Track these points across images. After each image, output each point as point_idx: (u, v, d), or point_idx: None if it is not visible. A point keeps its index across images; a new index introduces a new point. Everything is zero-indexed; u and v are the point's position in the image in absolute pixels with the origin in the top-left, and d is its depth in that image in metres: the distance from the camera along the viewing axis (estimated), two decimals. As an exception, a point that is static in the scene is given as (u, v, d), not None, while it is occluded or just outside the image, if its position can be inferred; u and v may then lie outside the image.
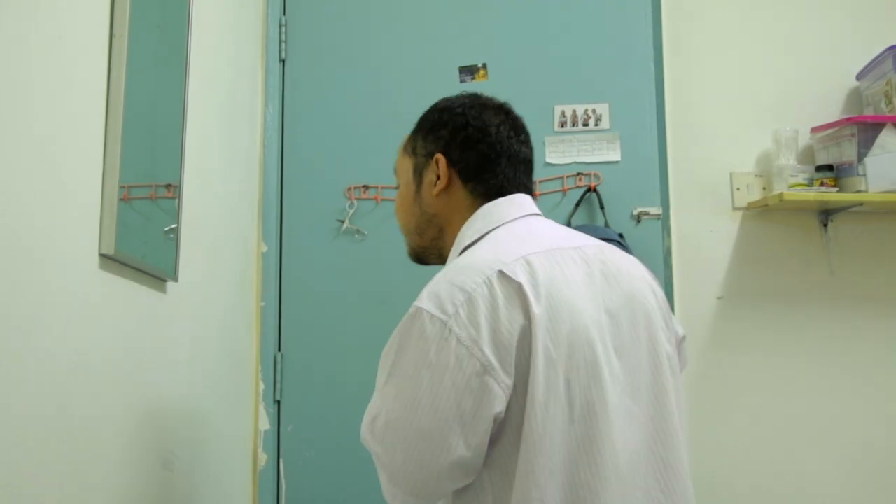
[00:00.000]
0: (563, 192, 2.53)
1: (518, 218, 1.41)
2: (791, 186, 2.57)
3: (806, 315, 2.66)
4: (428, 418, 1.22)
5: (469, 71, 2.52)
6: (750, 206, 2.67)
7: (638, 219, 2.46)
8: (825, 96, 2.74)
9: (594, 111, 2.54)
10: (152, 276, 1.66)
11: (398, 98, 2.55)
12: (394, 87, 2.56)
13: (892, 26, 2.70)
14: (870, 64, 2.66)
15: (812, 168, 2.62)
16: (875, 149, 2.49)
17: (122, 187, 1.45)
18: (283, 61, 2.61)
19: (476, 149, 1.45)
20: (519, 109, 2.39)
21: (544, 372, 1.22)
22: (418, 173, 1.50)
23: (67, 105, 1.32)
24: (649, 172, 2.51)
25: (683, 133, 2.71)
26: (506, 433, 1.24)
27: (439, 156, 1.46)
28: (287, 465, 2.44)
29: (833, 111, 2.73)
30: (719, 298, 2.65)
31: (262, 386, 2.45)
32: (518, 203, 1.44)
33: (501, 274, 1.25)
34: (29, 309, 1.20)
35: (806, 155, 2.70)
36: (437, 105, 1.54)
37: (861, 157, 2.50)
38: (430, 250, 1.52)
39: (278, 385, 2.47)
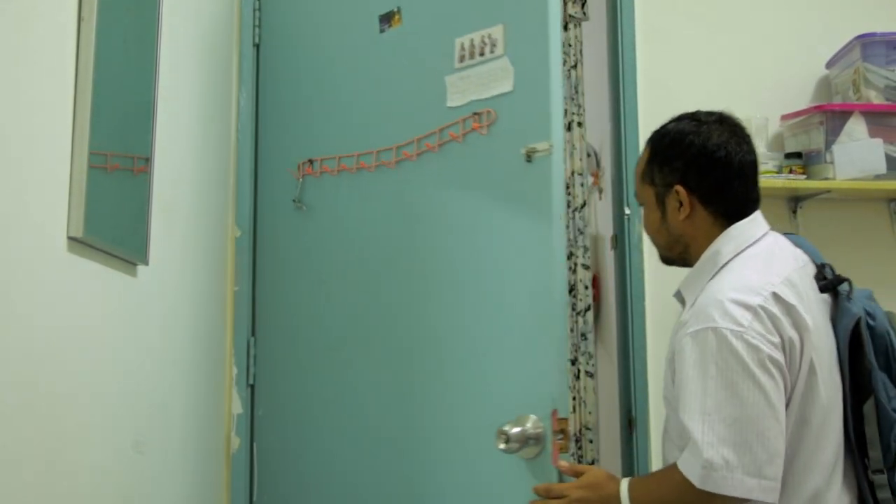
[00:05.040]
0: (458, 139, 2.09)
1: (761, 237, 1.66)
2: (760, 174, 2.60)
3: (774, 301, 2.70)
4: (761, 406, 1.47)
5: (386, 18, 2.33)
6: (720, 193, 2.70)
7: (528, 157, 1.92)
8: (795, 84, 2.78)
9: (489, 37, 2.06)
10: (122, 259, 1.66)
11: (367, 81, 2.42)
12: (360, 73, 2.45)
13: (860, 15, 2.73)
14: (839, 52, 2.69)
15: (781, 155, 2.65)
16: (843, 136, 2.53)
17: (91, 168, 1.45)
18: (256, 46, 2.60)
19: (711, 175, 1.67)
20: (425, 50, 2.22)
21: (807, 373, 1.52)
22: (661, 201, 1.74)
23: (34, 89, 1.33)
24: (541, 101, 1.91)
25: (656, 120, 2.70)
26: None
27: (679, 187, 1.69)
28: (260, 449, 2.45)
29: (803, 99, 2.77)
30: (689, 284, 2.67)
31: (234, 370, 2.46)
32: (758, 222, 1.69)
33: (776, 296, 1.52)
34: (-5, 291, 1.20)
35: (776, 142, 2.73)
36: (665, 133, 1.77)
37: (829, 144, 2.54)
38: (677, 260, 1.78)
39: (251, 369, 2.48)
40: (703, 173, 1.68)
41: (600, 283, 3.56)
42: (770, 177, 2.59)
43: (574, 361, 2.72)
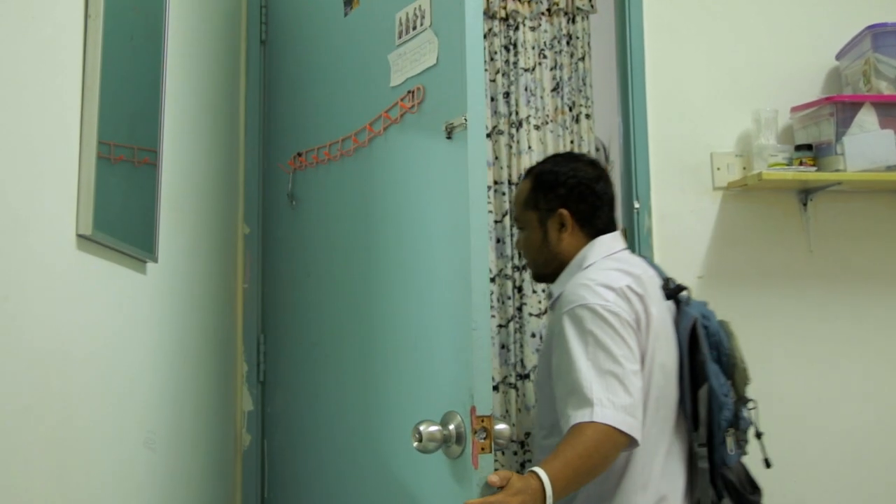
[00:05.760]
0: (396, 121, 1.98)
1: (621, 250, 2.05)
2: (770, 166, 2.59)
3: (785, 294, 2.69)
4: (629, 362, 1.79)
5: (349, 1, 2.24)
6: (730, 186, 2.69)
7: (448, 134, 1.77)
8: (805, 76, 2.76)
9: (420, 8, 1.93)
10: (131, 256, 1.66)
11: (335, 68, 2.35)
12: (331, 60, 2.37)
13: (870, 6, 2.71)
14: (849, 44, 2.67)
15: (791, 148, 2.63)
16: (853, 128, 2.51)
17: (99, 166, 1.45)
18: (263, 42, 2.60)
19: (587, 201, 2.05)
20: (375, 28, 2.11)
21: (651, 355, 1.87)
22: (542, 224, 2.08)
23: (42, 87, 1.33)
24: (458, 73, 1.75)
25: (664, 113, 2.72)
26: None
27: (563, 210, 2.05)
28: (270, 446, 2.46)
29: (813, 91, 2.75)
30: (699, 278, 2.66)
31: (245, 367, 2.46)
32: (618, 239, 2.08)
33: (629, 287, 1.88)
34: (5, 291, 1.20)
35: (786, 135, 2.72)
36: (548, 167, 2.11)
37: (839, 136, 2.52)
38: (551, 276, 2.10)
39: (261, 366, 2.48)
40: (581, 200, 2.04)
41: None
42: (780, 169, 2.58)
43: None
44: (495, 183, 2.77)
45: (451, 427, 1.64)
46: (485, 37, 2.73)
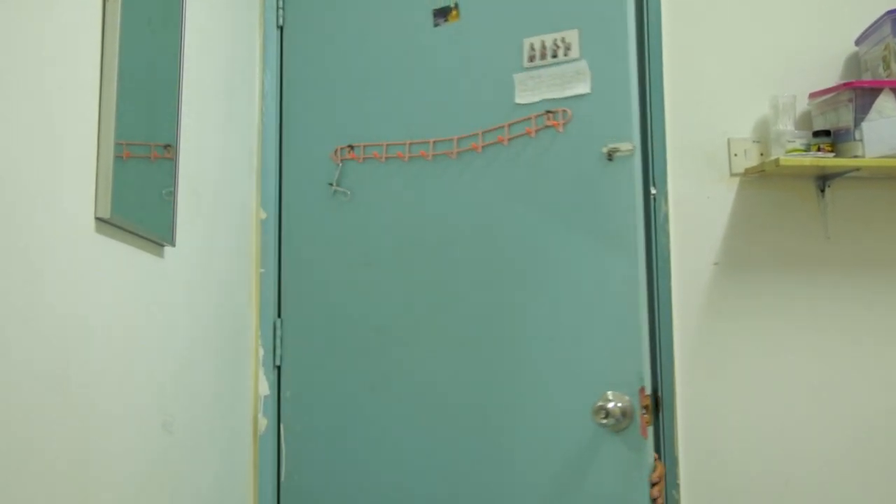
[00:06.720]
0: (531, 134, 2.27)
1: None
2: (788, 152, 2.57)
3: (802, 280, 2.67)
4: None
5: (442, 13, 2.41)
6: (747, 172, 2.68)
7: (609, 156, 2.15)
8: (823, 62, 2.74)
9: (563, 40, 2.23)
10: (149, 240, 1.67)
11: (417, 72, 2.48)
12: (408, 63, 2.49)
13: (891, -10, 2.69)
14: (868, 29, 2.65)
15: (809, 134, 2.62)
16: (872, 114, 2.49)
17: (118, 145, 1.46)
18: (280, 28, 2.60)
19: None
20: (488, 47, 2.35)
21: None
22: None
23: (60, 70, 1.33)
24: (622, 103, 2.15)
25: (682, 99, 2.71)
26: None
27: None
28: (287, 431, 2.47)
29: (831, 76, 2.73)
30: (716, 264, 2.66)
31: (261, 352, 2.47)
32: None
33: None
34: (24, 273, 1.21)
35: (804, 121, 2.70)
36: None
37: (858, 122, 2.50)
38: None
39: (278, 350, 2.49)
40: None
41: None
42: (798, 155, 2.56)
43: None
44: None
45: (619, 405, 2.05)
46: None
